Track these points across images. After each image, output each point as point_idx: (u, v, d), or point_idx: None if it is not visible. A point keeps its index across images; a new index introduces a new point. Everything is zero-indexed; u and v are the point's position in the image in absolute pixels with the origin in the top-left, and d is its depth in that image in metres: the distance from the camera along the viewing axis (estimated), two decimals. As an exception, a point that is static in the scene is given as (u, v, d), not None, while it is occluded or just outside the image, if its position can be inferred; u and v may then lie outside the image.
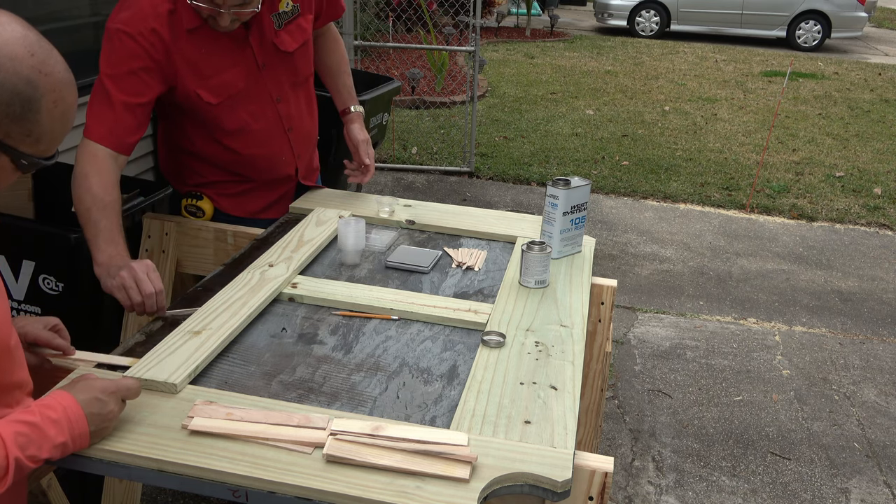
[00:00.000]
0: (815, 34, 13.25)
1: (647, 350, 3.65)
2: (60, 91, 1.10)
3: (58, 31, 3.23)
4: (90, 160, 1.80)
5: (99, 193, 1.75)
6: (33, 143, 1.10)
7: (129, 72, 1.84)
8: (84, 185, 1.76)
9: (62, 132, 1.14)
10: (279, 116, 2.14)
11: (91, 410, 1.17)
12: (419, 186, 5.78)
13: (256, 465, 1.18)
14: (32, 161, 1.11)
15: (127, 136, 1.86)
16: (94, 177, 1.77)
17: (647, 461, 2.88)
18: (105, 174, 1.79)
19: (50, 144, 1.13)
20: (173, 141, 2.17)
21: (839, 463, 2.92)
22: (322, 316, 1.69)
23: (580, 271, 1.96)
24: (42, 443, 1.10)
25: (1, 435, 1.06)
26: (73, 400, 1.16)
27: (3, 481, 1.05)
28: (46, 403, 1.14)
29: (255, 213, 2.26)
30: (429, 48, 6.52)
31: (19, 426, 1.08)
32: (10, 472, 1.05)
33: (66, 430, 1.14)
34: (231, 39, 1.97)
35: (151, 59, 1.86)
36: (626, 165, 6.43)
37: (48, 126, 1.10)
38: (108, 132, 1.83)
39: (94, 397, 1.19)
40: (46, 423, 1.11)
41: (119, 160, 1.86)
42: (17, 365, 1.20)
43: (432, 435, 1.24)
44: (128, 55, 1.83)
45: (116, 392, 1.22)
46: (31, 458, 1.09)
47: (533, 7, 13.94)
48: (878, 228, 5.39)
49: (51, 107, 1.09)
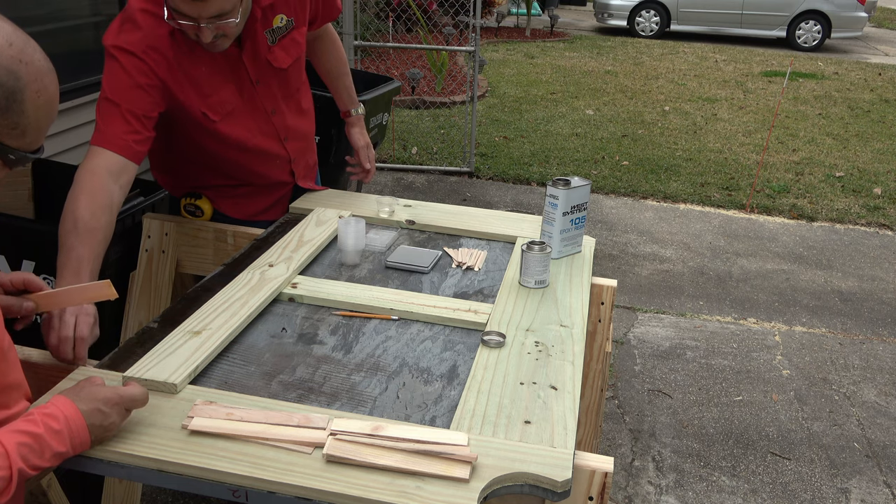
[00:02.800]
0: (815, 34, 13.25)
1: (647, 350, 3.65)
2: (42, 80, 1.08)
3: (57, 31, 3.23)
4: (87, 179, 1.69)
5: (84, 217, 1.62)
6: (19, 136, 1.08)
7: (136, 87, 1.80)
8: (70, 208, 1.64)
9: (47, 123, 1.12)
10: (275, 129, 2.13)
11: (93, 421, 1.16)
12: (419, 186, 5.78)
13: (256, 465, 1.18)
14: (20, 155, 1.09)
15: (137, 143, 1.80)
16: (83, 198, 1.65)
17: (647, 461, 2.88)
18: (98, 196, 1.67)
19: (36, 136, 1.10)
20: (168, 150, 2.13)
21: (839, 463, 2.92)
22: (322, 316, 1.69)
23: (580, 271, 1.96)
24: (43, 452, 1.09)
25: (5, 447, 1.05)
26: (75, 410, 1.14)
27: (5, 492, 1.04)
28: (49, 413, 1.12)
29: (252, 215, 2.26)
30: (429, 48, 6.52)
31: (22, 437, 1.07)
32: (14, 483, 1.04)
33: (68, 440, 1.12)
34: (225, 58, 1.94)
35: (157, 77, 1.83)
36: (626, 165, 6.43)
37: (33, 117, 1.08)
38: (116, 137, 1.77)
39: (97, 408, 1.16)
40: (49, 433, 1.10)
41: (123, 178, 1.76)
42: (11, 366, 1.18)
43: (432, 435, 1.24)
44: (134, 71, 1.80)
45: (120, 403, 1.20)
46: (33, 466, 1.08)
47: (533, 7, 13.94)
48: (878, 228, 5.39)
49: (34, 97, 1.07)
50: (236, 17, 1.80)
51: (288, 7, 2.03)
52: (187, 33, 1.81)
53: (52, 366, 1.45)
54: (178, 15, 1.75)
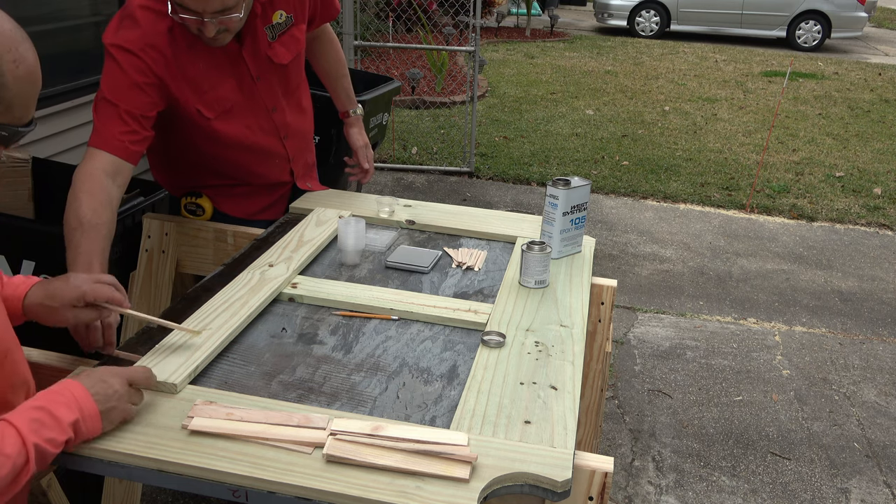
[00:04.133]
0: (815, 34, 13.25)
1: (647, 350, 3.65)
2: (17, 48, 1.06)
3: (57, 31, 3.23)
4: (85, 180, 1.72)
5: (86, 215, 1.66)
6: (6, 111, 1.07)
7: (134, 86, 1.81)
8: (73, 207, 1.68)
9: (32, 93, 1.10)
10: (275, 126, 2.13)
11: (95, 390, 1.18)
12: (419, 186, 5.78)
13: (256, 465, 1.18)
14: (11, 130, 1.09)
15: (133, 143, 1.81)
16: (84, 198, 1.68)
17: (647, 461, 2.88)
18: (98, 195, 1.71)
19: (23, 110, 1.09)
20: (167, 150, 2.14)
21: (839, 463, 2.92)
22: (322, 316, 1.69)
23: (580, 271, 1.96)
24: (55, 424, 1.10)
25: (14, 424, 1.06)
26: (75, 382, 1.18)
27: (26, 469, 1.05)
28: (50, 389, 1.15)
29: (252, 214, 2.26)
30: (429, 48, 6.52)
31: (29, 412, 1.09)
32: (31, 459, 1.05)
33: (75, 407, 1.14)
34: (225, 54, 1.95)
35: (154, 75, 1.83)
36: (626, 165, 6.43)
37: (15, 88, 1.06)
38: (113, 138, 1.78)
39: (98, 379, 1.20)
40: (53, 404, 1.12)
41: (119, 177, 1.78)
42: (20, 363, 1.21)
43: (432, 435, 1.24)
44: (132, 70, 1.80)
45: (121, 375, 1.23)
46: (50, 441, 1.09)
47: (533, 7, 13.94)
48: (878, 228, 5.39)
49: (12, 67, 1.05)
50: (240, 13, 1.81)
51: (287, 4, 2.03)
52: (190, 28, 1.82)
53: (53, 366, 1.45)
54: (182, 9, 1.76)
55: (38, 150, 2.81)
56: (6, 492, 1.03)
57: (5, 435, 1.04)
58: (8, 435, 1.04)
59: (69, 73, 3.10)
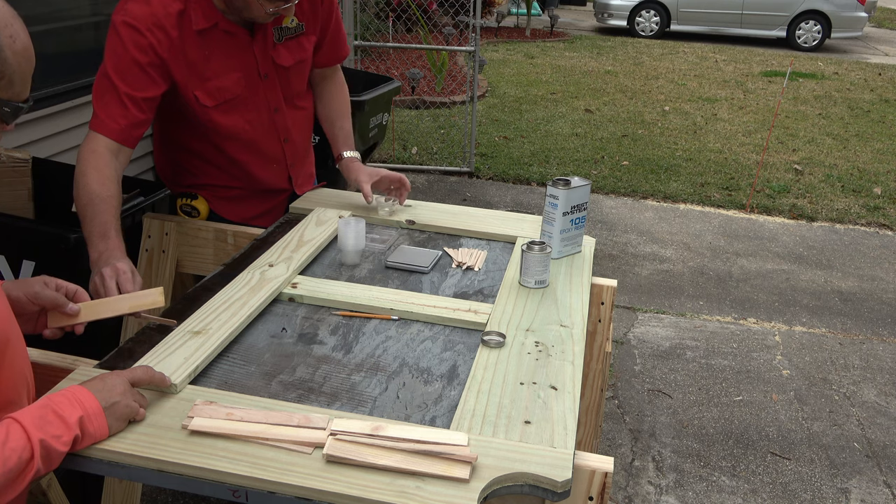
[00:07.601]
0: (815, 34, 13.25)
1: (647, 350, 3.65)
2: (12, 26, 1.10)
3: (56, 31, 3.23)
4: (89, 157, 1.79)
5: (95, 189, 1.73)
6: (7, 87, 1.09)
7: (135, 65, 1.82)
8: (81, 183, 1.75)
9: (29, 68, 1.13)
10: (276, 126, 2.14)
11: (96, 388, 1.19)
12: (419, 186, 5.78)
13: (256, 465, 1.18)
14: (13, 106, 1.11)
15: (132, 128, 1.85)
16: (91, 173, 1.75)
17: (647, 461, 2.88)
18: (104, 170, 1.77)
19: (23, 86, 1.12)
20: (169, 139, 2.16)
21: (839, 463, 2.92)
22: (322, 316, 1.69)
23: (580, 271, 1.96)
24: (59, 421, 1.11)
25: (19, 420, 1.07)
26: (75, 384, 1.20)
27: (31, 465, 1.05)
28: (50, 393, 1.17)
29: (247, 219, 2.25)
30: (429, 48, 6.52)
31: (33, 410, 1.10)
32: (37, 455, 1.06)
33: (77, 405, 1.15)
34: (236, 45, 1.97)
35: (157, 56, 1.85)
36: (626, 165, 6.43)
37: (15, 64, 1.09)
38: (113, 123, 1.82)
39: (97, 378, 1.22)
40: (56, 403, 1.13)
41: (121, 156, 1.84)
42: (20, 356, 1.21)
43: (432, 435, 1.24)
44: (134, 48, 1.82)
45: (120, 375, 1.24)
46: (56, 438, 1.09)
47: (533, 7, 13.94)
48: (878, 228, 5.39)
49: (10, 42, 1.08)
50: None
51: (301, 12, 2.06)
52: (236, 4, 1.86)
53: (53, 366, 1.45)
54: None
55: (38, 150, 2.81)
56: (12, 488, 1.03)
57: (10, 430, 1.05)
58: (13, 430, 1.05)
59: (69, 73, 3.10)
